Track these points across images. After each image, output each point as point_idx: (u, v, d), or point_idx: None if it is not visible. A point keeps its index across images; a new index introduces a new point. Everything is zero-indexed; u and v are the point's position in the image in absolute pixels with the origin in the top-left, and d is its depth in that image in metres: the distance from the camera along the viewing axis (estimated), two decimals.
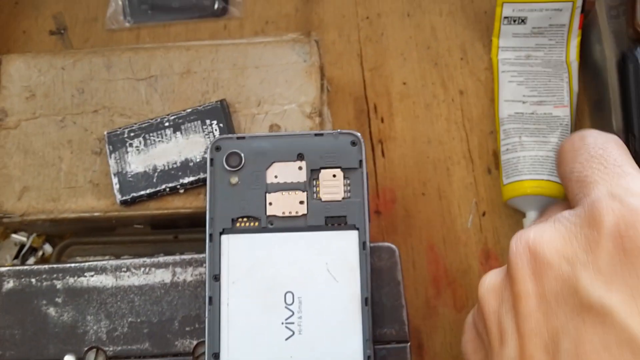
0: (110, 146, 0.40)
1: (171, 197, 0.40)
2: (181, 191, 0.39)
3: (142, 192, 0.39)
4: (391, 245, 0.37)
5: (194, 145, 0.40)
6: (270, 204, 0.36)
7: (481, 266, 0.45)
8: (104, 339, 0.36)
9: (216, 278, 0.35)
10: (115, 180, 0.39)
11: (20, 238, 0.46)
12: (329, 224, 0.36)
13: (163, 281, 0.37)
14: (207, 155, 0.37)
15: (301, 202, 0.36)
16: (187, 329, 0.36)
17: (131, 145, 0.40)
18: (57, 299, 0.37)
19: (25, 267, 0.38)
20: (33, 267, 0.37)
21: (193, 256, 0.37)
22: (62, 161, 0.41)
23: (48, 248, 0.46)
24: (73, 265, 0.37)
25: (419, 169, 0.47)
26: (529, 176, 0.43)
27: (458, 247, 0.45)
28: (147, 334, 0.36)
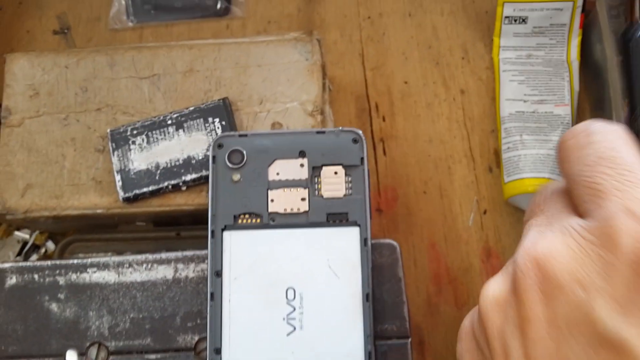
0: (113, 144, 0.40)
1: (173, 195, 0.40)
2: (183, 188, 0.40)
3: (145, 190, 0.39)
4: (392, 241, 0.37)
5: (197, 142, 0.40)
6: (272, 201, 0.36)
7: (482, 264, 0.45)
8: (106, 335, 0.36)
9: (218, 274, 0.35)
10: (118, 177, 0.40)
11: (23, 235, 0.46)
12: (331, 221, 0.36)
13: (165, 277, 0.37)
14: (210, 152, 0.37)
15: (303, 199, 0.36)
16: (189, 325, 0.36)
17: (134, 142, 0.40)
18: (60, 295, 0.37)
19: (28, 263, 0.38)
20: (36, 263, 0.38)
21: (195, 252, 0.38)
22: (65, 159, 0.41)
23: (51, 245, 0.46)
24: (75, 261, 0.38)
25: (420, 168, 0.47)
26: (530, 174, 0.43)
27: (459, 245, 0.45)
28: (149, 330, 0.36)
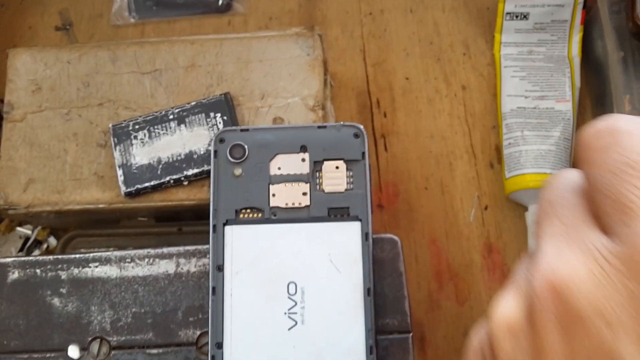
0: (115, 138, 0.40)
1: (175, 189, 0.40)
2: (185, 183, 0.40)
3: (147, 184, 0.39)
4: (393, 236, 0.37)
5: (198, 137, 0.40)
6: (273, 195, 0.37)
7: (483, 260, 0.45)
8: (108, 329, 0.36)
9: (220, 268, 0.35)
10: (120, 172, 0.40)
11: (25, 231, 0.47)
12: (332, 215, 0.36)
13: (167, 272, 0.37)
14: (211, 147, 0.37)
15: (304, 194, 0.37)
16: (191, 319, 0.36)
17: (136, 137, 0.40)
18: (62, 290, 0.37)
19: (30, 258, 0.38)
20: (38, 258, 0.38)
21: (197, 247, 0.38)
22: (68, 154, 0.41)
23: (52, 241, 0.46)
24: (77, 256, 0.38)
25: (422, 164, 0.47)
26: (531, 170, 0.43)
27: (460, 241, 0.45)
28: (151, 324, 0.36)
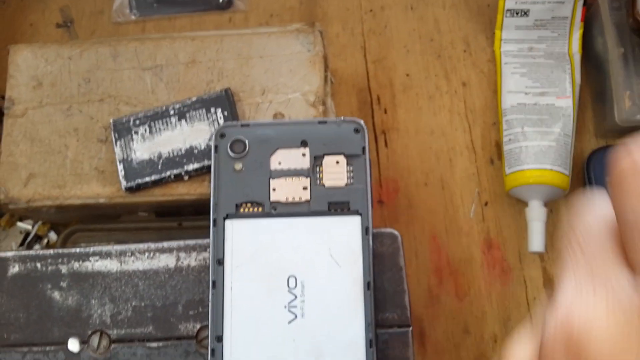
0: (115, 133, 0.40)
1: (176, 184, 0.40)
2: (185, 178, 0.40)
3: (147, 179, 0.39)
4: (393, 231, 0.37)
5: (199, 133, 0.40)
6: (273, 190, 0.37)
7: (483, 255, 0.45)
8: (108, 323, 0.36)
9: (220, 262, 0.35)
10: (120, 167, 0.40)
11: (25, 226, 0.47)
12: (332, 210, 0.36)
13: (167, 266, 0.37)
14: (212, 142, 0.37)
15: (304, 188, 0.37)
16: (191, 313, 0.36)
17: (136, 132, 0.40)
18: (62, 283, 0.37)
19: (30, 252, 0.38)
20: (38, 252, 0.38)
21: (197, 241, 0.38)
22: (68, 149, 0.41)
23: (53, 236, 0.46)
24: (78, 249, 0.38)
25: (422, 160, 0.47)
26: (532, 165, 0.43)
27: (460, 237, 0.45)
28: (151, 318, 0.36)
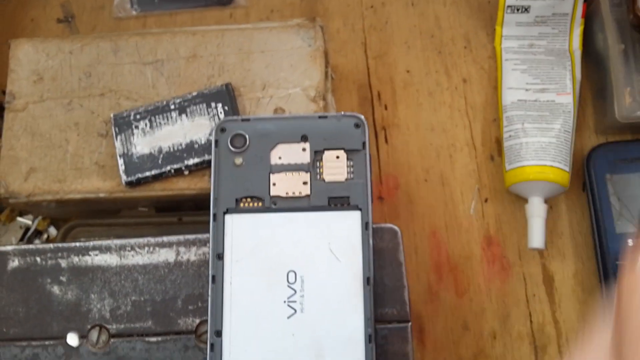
0: (116, 128, 0.40)
1: (176, 179, 0.40)
2: (186, 173, 0.40)
3: (147, 174, 0.40)
4: (393, 226, 0.37)
5: (199, 127, 0.40)
6: (274, 185, 0.37)
7: (483, 252, 0.45)
8: (108, 317, 0.36)
9: (220, 257, 0.35)
10: (120, 161, 0.40)
11: (25, 221, 0.47)
12: (332, 205, 0.36)
13: (167, 260, 0.37)
14: (212, 136, 0.37)
15: (305, 183, 0.37)
16: (190, 308, 0.36)
17: (137, 127, 0.40)
18: (62, 278, 0.37)
19: (30, 246, 0.38)
20: (38, 246, 0.38)
21: (197, 236, 0.38)
22: (69, 143, 0.41)
23: (53, 231, 0.46)
24: (78, 244, 0.38)
25: (422, 156, 0.47)
26: (532, 162, 0.43)
27: (460, 234, 0.45)
28: (151, 313, 0.36)
